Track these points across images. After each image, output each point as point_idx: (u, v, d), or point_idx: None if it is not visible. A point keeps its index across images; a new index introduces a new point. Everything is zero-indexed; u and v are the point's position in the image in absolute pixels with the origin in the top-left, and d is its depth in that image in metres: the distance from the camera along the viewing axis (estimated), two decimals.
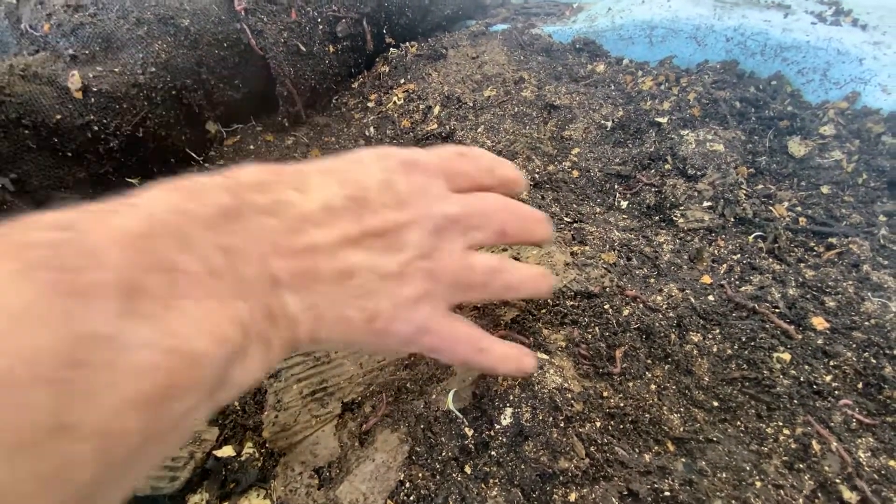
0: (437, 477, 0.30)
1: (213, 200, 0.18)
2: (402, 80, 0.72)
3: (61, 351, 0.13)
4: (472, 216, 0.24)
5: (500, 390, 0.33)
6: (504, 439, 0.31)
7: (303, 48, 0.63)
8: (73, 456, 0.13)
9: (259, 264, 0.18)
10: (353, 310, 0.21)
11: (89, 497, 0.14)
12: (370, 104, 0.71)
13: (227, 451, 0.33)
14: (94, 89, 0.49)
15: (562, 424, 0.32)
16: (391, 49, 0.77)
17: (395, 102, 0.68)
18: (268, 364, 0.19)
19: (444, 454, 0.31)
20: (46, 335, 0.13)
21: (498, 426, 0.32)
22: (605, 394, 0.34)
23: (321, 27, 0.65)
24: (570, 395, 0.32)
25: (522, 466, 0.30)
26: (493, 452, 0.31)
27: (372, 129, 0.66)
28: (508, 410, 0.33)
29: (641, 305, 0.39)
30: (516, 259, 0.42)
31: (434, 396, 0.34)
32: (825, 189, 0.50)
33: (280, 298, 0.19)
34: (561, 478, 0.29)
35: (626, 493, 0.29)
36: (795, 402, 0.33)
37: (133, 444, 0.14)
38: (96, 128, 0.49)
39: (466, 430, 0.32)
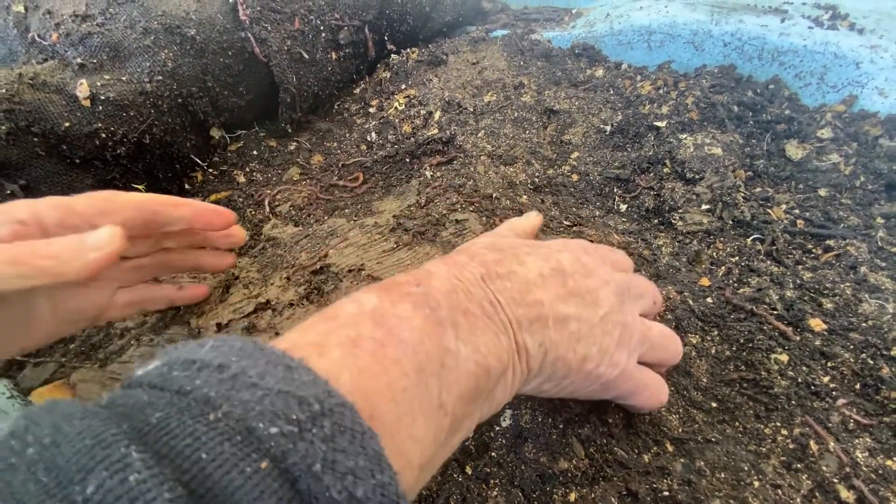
0: (439, 477, 0.31)
1: (475, 272, 0.26)
2: (403, 86, 0.73)
3: (438, 356, 0.20)
4: (634, 286, 0.31)
5: None
6: (504, 441, 0.32)
7: (306, 55, 0.64)
8: (442, 424, 0.20)
9: (508, 311, 0.25)
10: (570, 352, 0.26)
11: (437, 459, 0.21)
12: (371, 109, 0.72)
13: None
14: (102, 97, 0.50)
15: (561, 426, 0.32)
16: (392, 55, 0.78)
17: (396, 108, 0.69)
18: (514, 387, 0.25)
19: None
20: (432, 345, 0.21)
21: (498, 428, 0.32)
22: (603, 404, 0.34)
23: (324, 35, 0.66)
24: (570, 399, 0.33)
25: (522, 467, 0.30)
26: (493, 454, 0.31)
27: (373, 134, 0.67)
28: (508, 412, 0.33)
29: None
30: None
31: None
32: (823, 192, 0.50)
33: (522, 336, 0.25)
34: (561, 478, 0.30)
35: (625, 493, 0.29)
36: (793, 402, 0.33)
37: (457, 425, 0.21)
38: (104, 135, 0.50)
39: None
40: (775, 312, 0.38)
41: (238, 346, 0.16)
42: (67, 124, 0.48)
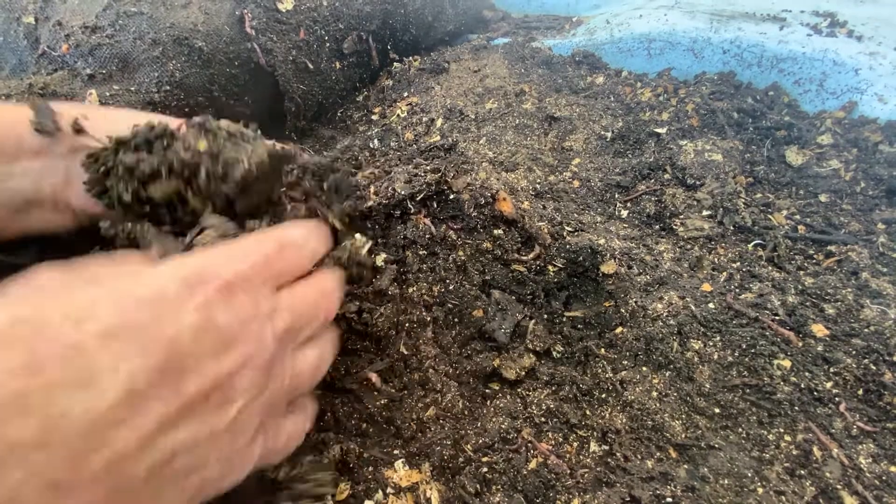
0: (442, 488, 0.31)
1: None
2: (406, 94, 0.74)
3: None
4: (300, 319, 0.22)
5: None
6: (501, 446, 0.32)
7: (310, 65, 0.65)
8: None
9: None
10: (180, 491, 0.17)
11: None
12: (374, 117, 0.73)
13: None
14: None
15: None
16: (395, 63, 0.79)
17: (398, 115, 0.70)
18: None
19: None
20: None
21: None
22: (606, 410, 0.34)
23: (328, 45, 0.67)
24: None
25: (525, 472, 0.30)
26: (494, 458, 0.31)
27: (376, 141, 0.68)
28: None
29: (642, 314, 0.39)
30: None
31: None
32: (823, 197, 0.50)
33: None
34: (567, 482, 0.30)
35: (628, 499, 0.29)
36: (796, 408, 0.33)
37: None
38: None
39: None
40: (777, 318, 0.38)
41: None
42: None
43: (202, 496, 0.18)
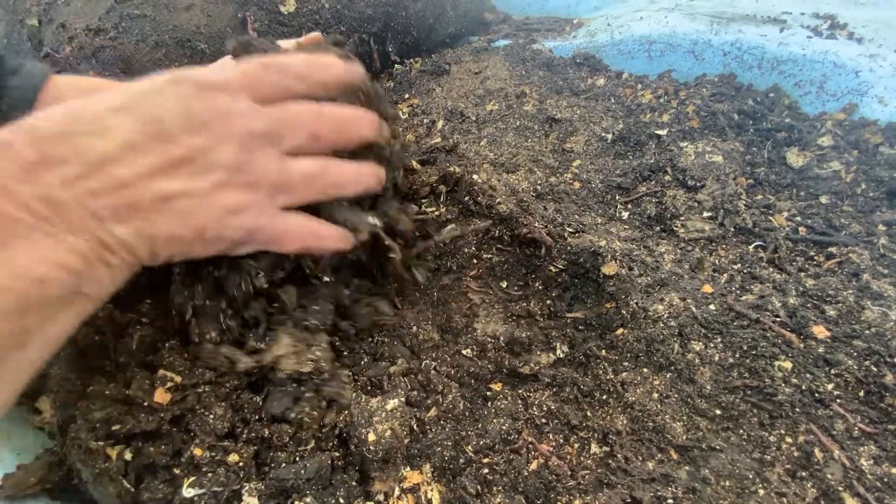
0: (442, 487, 0.31)
1: (19, 157, 0.20)
2: (407, 95, 0.74)
3: None
4: (279, 127, 0.26)
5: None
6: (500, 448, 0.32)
7: None
8: None
9: (78, 208, 0.21)
10: (181, 228, 0.24)
11: None
12: None
13: None
14: None
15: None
16: (396, 65, 0.79)
17: (399, 117, 0.70)
18: (117, 279, 0.24)
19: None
20: None
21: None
22: (607, 411, 0.34)
23: None
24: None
25: (526, 473, 0.30)
26: (495, 459, 0.31)
27: None
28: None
29: (643, 314, 0.39)
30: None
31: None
32: (824, 199, 0.51)
33: (109, 230, 0.22)
34: (568, 484, 0.30)
35: (629, 500, 0.29)
36: (797, 410, 0.33)
37: (11, 340, 0.20)
38: None
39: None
40: (778, 319, 0.38)
41: None
42: None
43: (210, 240, 0.25)
